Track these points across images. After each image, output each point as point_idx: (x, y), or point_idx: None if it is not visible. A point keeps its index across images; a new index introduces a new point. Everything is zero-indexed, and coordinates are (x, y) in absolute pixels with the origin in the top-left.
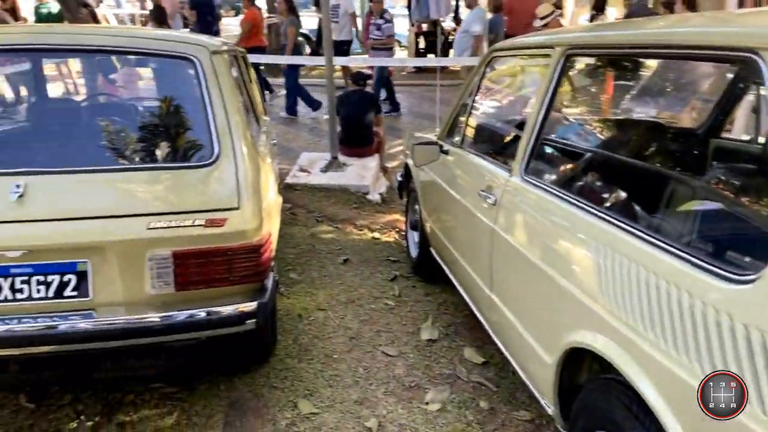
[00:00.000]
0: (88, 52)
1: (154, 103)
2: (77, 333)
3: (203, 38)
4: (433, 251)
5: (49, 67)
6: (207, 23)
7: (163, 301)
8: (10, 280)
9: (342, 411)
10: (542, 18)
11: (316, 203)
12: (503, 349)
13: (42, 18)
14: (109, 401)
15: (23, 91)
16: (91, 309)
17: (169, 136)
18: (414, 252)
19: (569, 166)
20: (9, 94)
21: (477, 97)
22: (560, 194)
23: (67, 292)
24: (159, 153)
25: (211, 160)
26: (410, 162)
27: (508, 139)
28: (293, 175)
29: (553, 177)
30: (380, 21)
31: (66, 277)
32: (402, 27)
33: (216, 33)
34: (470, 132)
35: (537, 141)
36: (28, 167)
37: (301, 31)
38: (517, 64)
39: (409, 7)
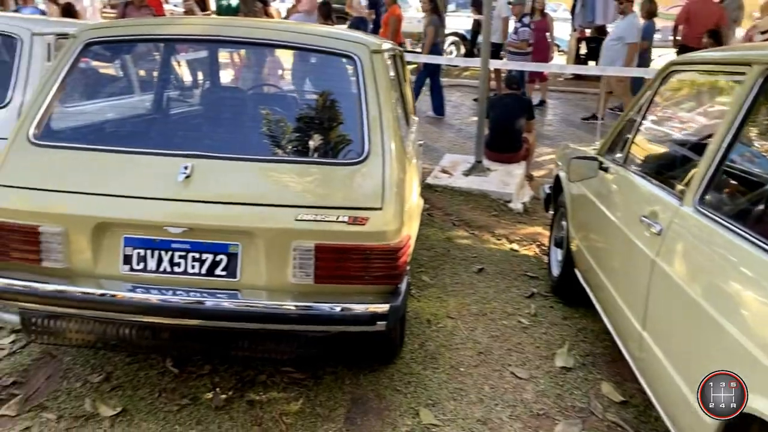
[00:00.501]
0: (259, 45)
1: (312, 97)
2: (223, 311)
3: (365, 37)
4: (577, 272)
5: (222, 55)
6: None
7: (301, 290)
8: (170, 254)
9: (464, 428)
10: (763, 33)
11: (455, 207)
12: (648, 391)
13: (222, 10)
14: (242, 378)
15: (200, 76)
16: (237, 290)
17: (323, 132)
18: (555, 270)
19: (755, 200)
20: (188, 78)
21: (648, 114)
22: (743, 232)
23: (218, 271)
24: (312, 147)
25: (360, 159)
26: (562, 175)
27: (681, 163)
28: (434, 176)
29: (736, 210)
30: (518, 24)
31: (218, 257)
32: (563, 31)
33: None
34: (637, 150)
35: (718, 169)
36: (196, 150)
37: (455, 31)
38: (700, 81)
39: (573, 10)
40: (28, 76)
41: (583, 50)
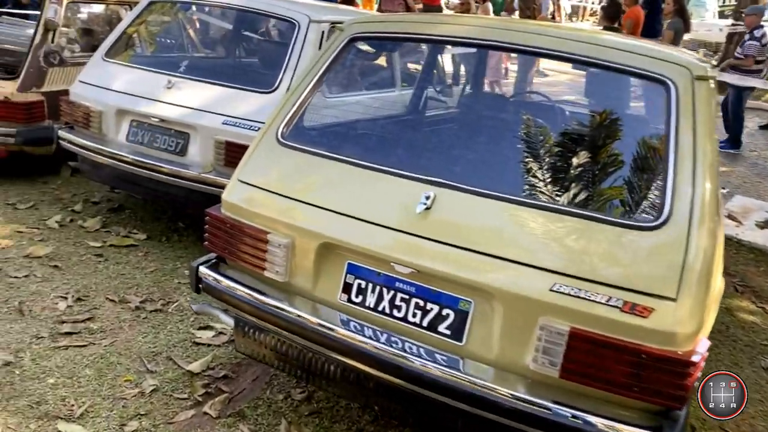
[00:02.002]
0: (541, 55)
1: (599, 127)
2: (434, 380)
3: (686, 56)
4: None
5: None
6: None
7: (539, 381)
8: (392, 293)
9: None
10: None
11: (740, 266)
12: None
13: (497, 7)
14: None
15: (462, 78)
16: (459, 356)
17: (606, 175)
18: None
19: None
20: (449, 81)
21: None
22: None
23: (441, 327)
24: (588, 194)
25: (655, 222)
26: None
27: None
28: None
29: None
30: (746, 36)
31: (444, 311)
32: None
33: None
34: None
35: None
36: (442, 177)
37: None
38: None
39: None
40: (299, 63)
41: None
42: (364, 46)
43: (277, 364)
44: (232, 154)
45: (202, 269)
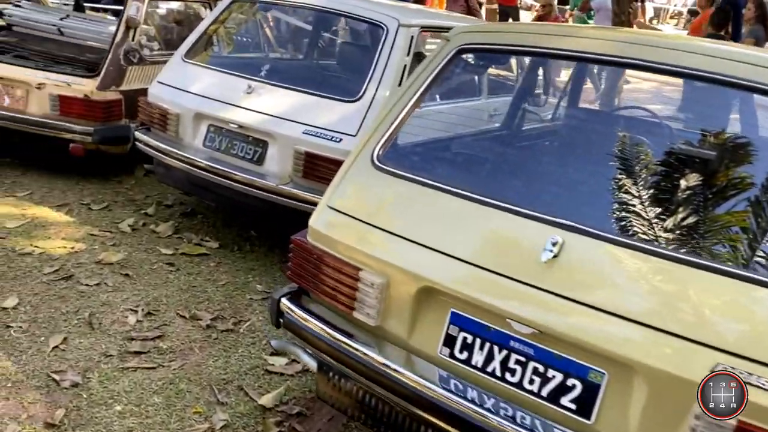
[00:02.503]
0: (688, 77)
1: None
2: None
3: None
4: None
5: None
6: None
7: None
8: (505, 353)
9: None
10: None
11: None
12: None
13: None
14: None
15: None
16: None
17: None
18: None
19: None
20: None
21: None
22: None
23: (564, 400)
24: (750, 250)
25: None
26: None
27: None
28: None
29: None
30: None
31: (570, 381)
32: None
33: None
34: None
35: None
36: (570, 218)
37: None
38: None
39: None
40: (385, 71)
41: None
42: (471, 58)
43: (363, 419)
44: (312, 165)
45: (285, 302)
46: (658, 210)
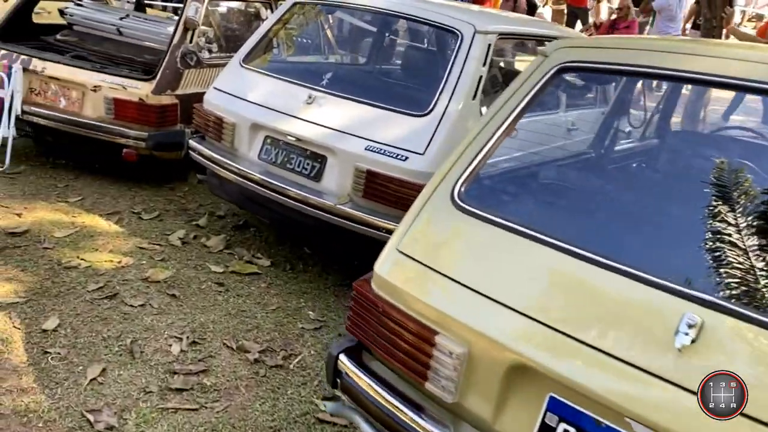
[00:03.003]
0: None
1: None
2: None
3: None
4: None
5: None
6: None
7: None
8: None
9: None
10: None
11: None
12: None
13: None
14: None
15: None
16: None
17: None
18: None
19: None
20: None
21: None
22: None
23: None
24: None
25: None
26: None
27: None
28: None
29: None
30: None
31: None
32: None
33: None
34: None
35: None
36: (709, 292)
37: None
38: None
39: None
40: (459, 82)
41: None
42: (572, 77)
43: None
44: (373, 185)
45: (344, 361)
46: None
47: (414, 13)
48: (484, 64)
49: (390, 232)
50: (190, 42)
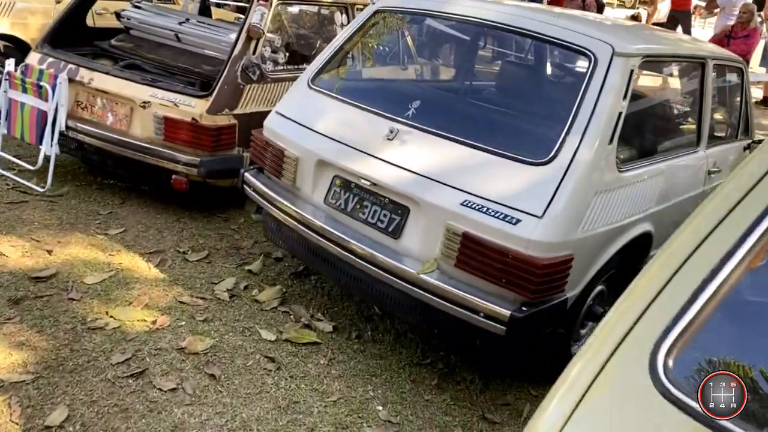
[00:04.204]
0: None
1: None
2: None
3: None
4: None
5: None
6: None
7: None
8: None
9: None
10: None
11: None
12: None
13: None
14: None
15: None
16: None
17: None
18: None
19: None
20: None
21: None
22: None
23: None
24: None
25: None
26: None
27: None
28: None
29: None
30: None
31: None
32: None
33: None
34: None
35: None
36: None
37: None
38: None
39: None
40: (591, 120)
41: None
42: None
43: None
44: (470, 253)
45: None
46: None
47: (531, 28)
48: (625, 97)
49: (488, 315)
50: (254, 53)
